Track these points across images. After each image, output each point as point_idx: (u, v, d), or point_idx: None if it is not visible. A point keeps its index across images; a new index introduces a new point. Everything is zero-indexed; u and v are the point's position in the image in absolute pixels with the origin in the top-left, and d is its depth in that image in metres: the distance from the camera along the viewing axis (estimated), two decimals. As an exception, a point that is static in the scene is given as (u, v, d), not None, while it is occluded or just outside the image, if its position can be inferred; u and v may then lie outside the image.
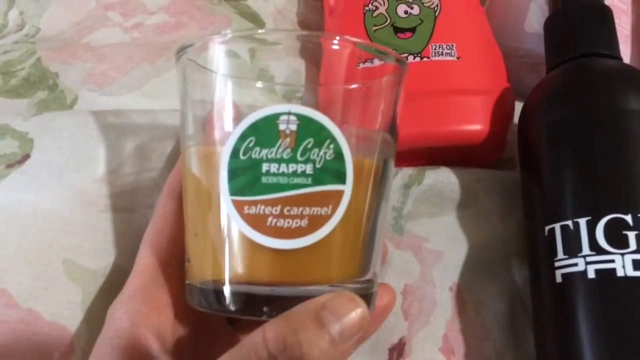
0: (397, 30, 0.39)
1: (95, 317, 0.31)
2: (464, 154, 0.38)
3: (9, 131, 0.34)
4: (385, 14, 0.39)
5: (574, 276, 0.29)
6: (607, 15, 0.35)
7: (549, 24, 0.37)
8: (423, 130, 0.37)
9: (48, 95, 0.39)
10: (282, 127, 0.23)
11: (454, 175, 0.37)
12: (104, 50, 0.42)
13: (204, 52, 0.26)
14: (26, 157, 0.33)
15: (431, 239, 0.36)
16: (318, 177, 0.23)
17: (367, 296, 0.25)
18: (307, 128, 0.23)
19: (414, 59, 0.38)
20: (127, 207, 0.34)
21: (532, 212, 0.33)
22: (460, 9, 0.40)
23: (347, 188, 0.24)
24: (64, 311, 0.31)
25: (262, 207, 0.23)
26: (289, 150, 0.23)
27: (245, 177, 0.23)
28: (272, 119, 0.23)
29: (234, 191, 0.23)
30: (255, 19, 0.47)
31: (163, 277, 0.28)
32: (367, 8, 0.40)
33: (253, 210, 0.23)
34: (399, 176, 0.37)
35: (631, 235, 0.28)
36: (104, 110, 0.36)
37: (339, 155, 0.24)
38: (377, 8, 0.40)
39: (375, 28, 0.39)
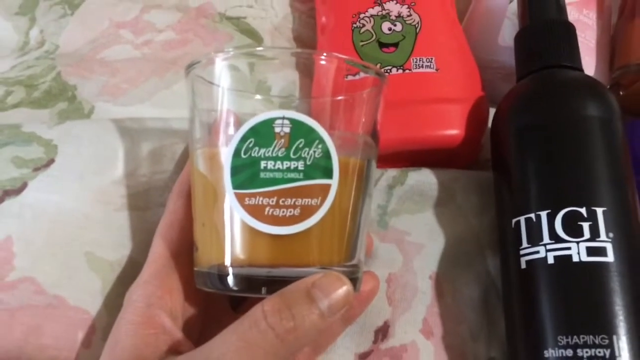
0: (381, 45, 0.41)
1: (113, 302, 0.33)
2: (443, 157, 0.40)
3: (35, 138, 0.35)
4: (371, 30, 0.41)
5: (536, 262, 0.32)
6: (570, 30, 0.37)
7: (519, 39, 0.39)
8: (406, 135, 0.39)
9: (68, 106, 0.41)
10: (277, 129, 0.26)
11: (433, 176, 0.39)
12: (117, 65, 0.43)
13: (209, 67, 0.29)
14: (51, 161, 0.35)
15: (413, 233, 0.38)
16: (308, 173, 0.26)
17: (352, 279, 0.28)
18: (299, 130, 0.26)
19: (397, 71, 0.39)
20: (141, 206, 0.36)
21: (501, 206, 0.36)
22: (439, 26, 0.42)
23: (334, 182, 0.27)
24: (86, 297, 0.33)
25: (261, 198, 0.26)
26: (283, 149, 0.26)
27: (246, 173, 0.26)
28: (269, 123, 0.26)
29: (236, 185, 0.26)
30: (254, 36, 0.49)
31: (174, 265, 0.30)
32: (354, 25, 0.42)
33: (253, 201, 0.26)
34: (384, 177, 0.39)
35: (585, 226, 0.31)
36: (120, 119, 0.38)
37: (326, 154, 0.26)
38: (363, 25, 0.42)
39: (362, 43, 0.41)
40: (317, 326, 0.26)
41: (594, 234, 0.31)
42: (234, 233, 0.27)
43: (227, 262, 0.27)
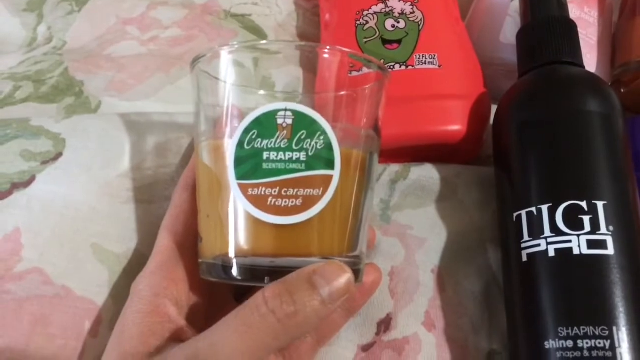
0: (385, 42, 0.41)
1: (119, 293, 0.33)
2: (445, 152, 0.41)
3: (43, 132, 0.36)
4: (375, 27, 0.42)
5: (537, 255, 0.32)
6: (571, 28, 0.38)
7: (521, 36, 0.39)
8: (408, 131, 0.39)
9: (75, 101, 0.41)
10: (279, 121, 0.26)
11: (436, 171, 0.40)
12: (124, 60, 0.44)
13: (214, 61, 0.29)
14: (59, 155, 0.35)
15: (415, 227, 0.38)
16: (310, 163, 0.26)
17: (354, 270, 0.28)
18: (301, 122, 0.26)
19: (400, 67, 0.40)
20: (147, 199, 0.36)
21: (503, 201, 0.36)
22: (442, 23, 0.42)
23: (336, 173, 0.27)
24: (93, 288, 0.33)
25: (264, 189, 0.26)
26: (285, 140, 0.26)
27: (249, 164, 0.26)
28: (272, 115, 0.26)
29: (239, 176, 0.26)
30: (259, 33, 0.49)
31: (179, 256, 0.31)
32: (358, 22, 0.42)
33: (256, 191, 0.26)
34: (387, 172, 0.40)
35: (586, 219, 0.31)
36: (126, 113, 0.38)
37: (328, 146, 0.27)
38: (367, 22, 0.42)
39: (365, 40, 0.42)
40: (318, 313, 0.26)
41: (595, 227, 0.31)
42: (237, 223, 0.27)
43: (231, 252, 0.28)
